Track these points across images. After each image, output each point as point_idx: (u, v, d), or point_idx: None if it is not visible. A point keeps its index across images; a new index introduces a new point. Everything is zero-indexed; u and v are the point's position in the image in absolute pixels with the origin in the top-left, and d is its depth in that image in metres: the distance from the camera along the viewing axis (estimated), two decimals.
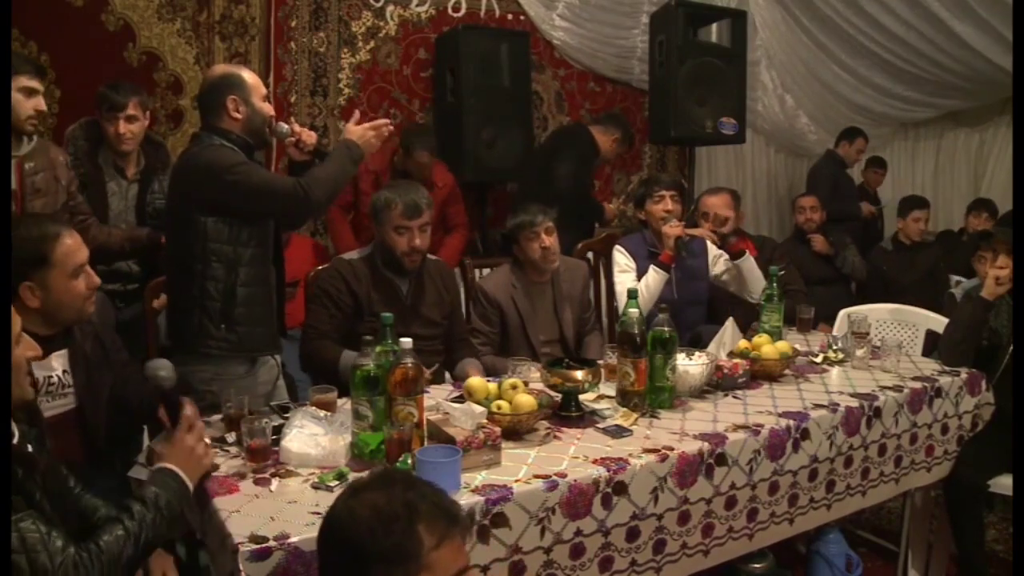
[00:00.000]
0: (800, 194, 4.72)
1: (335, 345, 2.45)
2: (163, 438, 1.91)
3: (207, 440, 1.57)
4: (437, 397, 2.06)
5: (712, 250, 3.24)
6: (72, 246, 1.80)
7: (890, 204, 5.60)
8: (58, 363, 1.85)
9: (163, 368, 1.52)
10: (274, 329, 2.37)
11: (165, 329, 2.48)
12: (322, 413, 1.81)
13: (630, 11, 4.83)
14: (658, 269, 3.06)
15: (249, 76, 2.28)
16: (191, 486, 1.50)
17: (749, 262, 3.16)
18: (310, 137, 2.37)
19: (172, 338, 2.37)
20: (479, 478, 1.63)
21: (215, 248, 2.20)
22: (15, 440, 1.30)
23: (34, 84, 2.42)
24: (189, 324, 2.24)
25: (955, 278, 4.22)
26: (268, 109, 2.31)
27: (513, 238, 2.88)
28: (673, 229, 3.06)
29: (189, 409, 1.55)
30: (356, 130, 2.30)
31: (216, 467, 1.63)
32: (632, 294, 2.14)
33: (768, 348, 2.39)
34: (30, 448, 1.34)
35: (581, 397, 2.05)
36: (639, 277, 3.11)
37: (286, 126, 2.35)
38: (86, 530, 1.40)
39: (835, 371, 2.49)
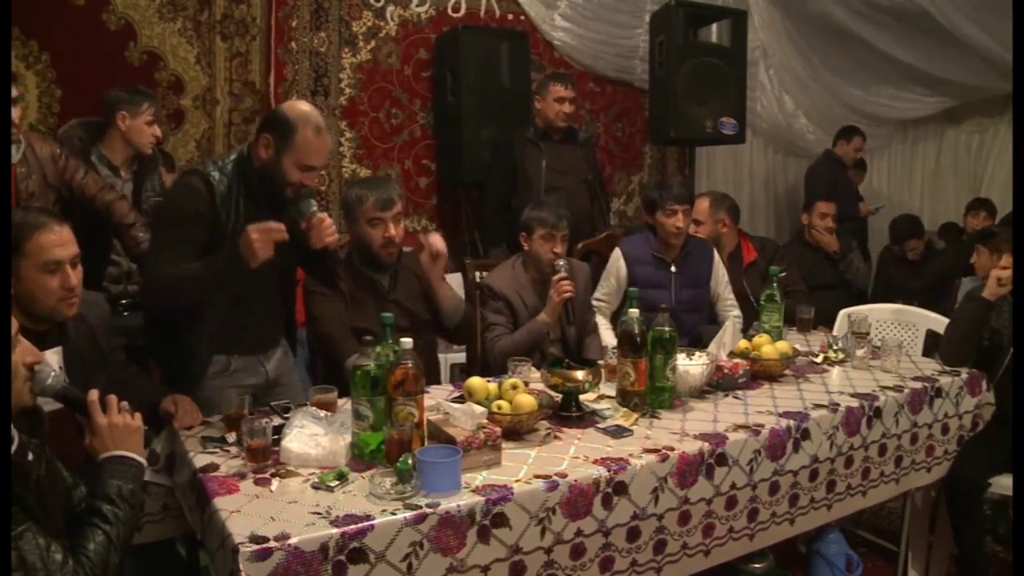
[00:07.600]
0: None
1: (351, 342, 2.35)
2: (164, 437, 1.92)
3: (124, 405, 1.54)
4: (437, 397, 2.05)
5: (716, 258, 3.20)
6: (52, 241, 1.73)
7: (887, 206, 5.61)
8: (54, 360, 1.85)
9: (48, 376, 1.49)
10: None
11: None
12: (322, 413, 1.81)
13: (634, 10, 4.83)
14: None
15: (302, 137, 2.03)
16: (141, 459, 1.51)
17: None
18: (319, 241, 2.09)
19: (143, 337, 2.35)
20: (479, 478, 1.62)
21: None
22: (14, 447, 1.28)
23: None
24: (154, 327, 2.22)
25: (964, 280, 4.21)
26: (294, 175, 2.06)
27: (527, 228, 2.86)
28: (560, 292, 2.69)
29: (92, 395, 1.52)
30: (250, 231, 1.93)
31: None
32: (632, 293, 2.14)
33: (768, 348, 2.39)
34: (30, 456, 1.33)
35: (581, 397, 2.05)
36: (634, 284, 2.92)
37: (312, 209, 2.08)
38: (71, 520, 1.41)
39: (835, 371, 2.49)
